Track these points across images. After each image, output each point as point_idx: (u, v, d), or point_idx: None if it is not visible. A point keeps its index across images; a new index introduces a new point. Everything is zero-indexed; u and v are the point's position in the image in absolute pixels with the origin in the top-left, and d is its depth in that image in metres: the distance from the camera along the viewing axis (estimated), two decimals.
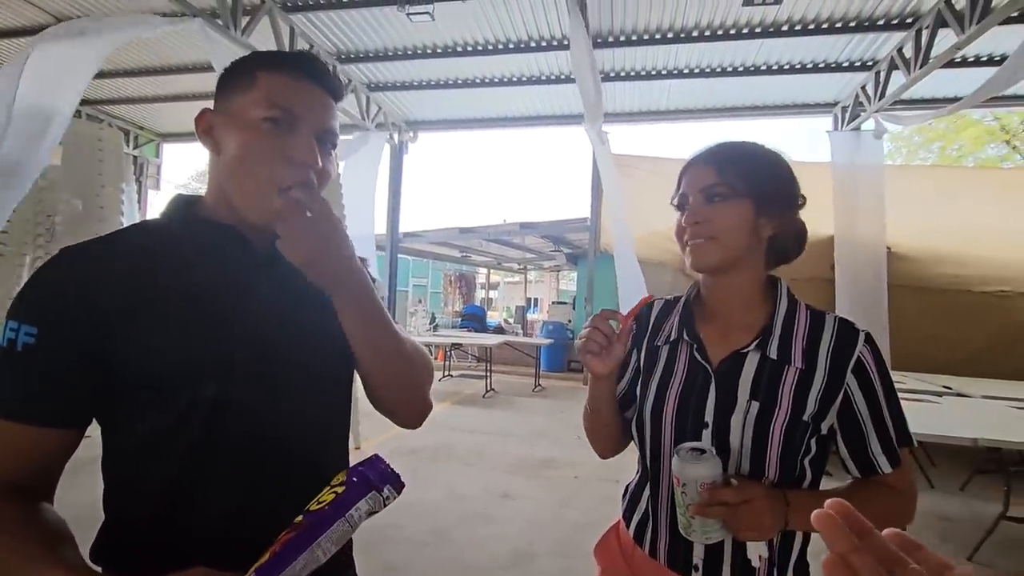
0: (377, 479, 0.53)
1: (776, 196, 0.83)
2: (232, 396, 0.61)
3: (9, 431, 0.55)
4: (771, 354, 0.79)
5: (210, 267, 0.64)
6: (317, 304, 0.70)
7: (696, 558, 0.81)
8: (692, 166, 0.85)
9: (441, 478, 3.71)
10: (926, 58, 4.80)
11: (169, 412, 0.59)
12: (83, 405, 0.58)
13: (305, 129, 0.64)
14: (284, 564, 0.48)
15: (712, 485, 0.69)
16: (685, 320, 0.88)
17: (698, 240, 0.81)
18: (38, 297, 0.57)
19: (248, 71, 0.65)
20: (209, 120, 0.65)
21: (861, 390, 0.77)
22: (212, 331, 0.61)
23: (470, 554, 2.62)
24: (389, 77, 6.72)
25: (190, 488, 0.60)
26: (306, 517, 0.51)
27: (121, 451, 0.62)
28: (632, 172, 6.35)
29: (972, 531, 2.95)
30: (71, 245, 0.61)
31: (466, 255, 14.21)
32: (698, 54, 5.81)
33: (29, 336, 0.55)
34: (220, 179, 0.66)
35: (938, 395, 3.79)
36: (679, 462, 0.72)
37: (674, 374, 0.85)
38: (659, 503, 0.85)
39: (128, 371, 0.58)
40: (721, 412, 0.79)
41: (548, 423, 5.38)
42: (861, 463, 0.79)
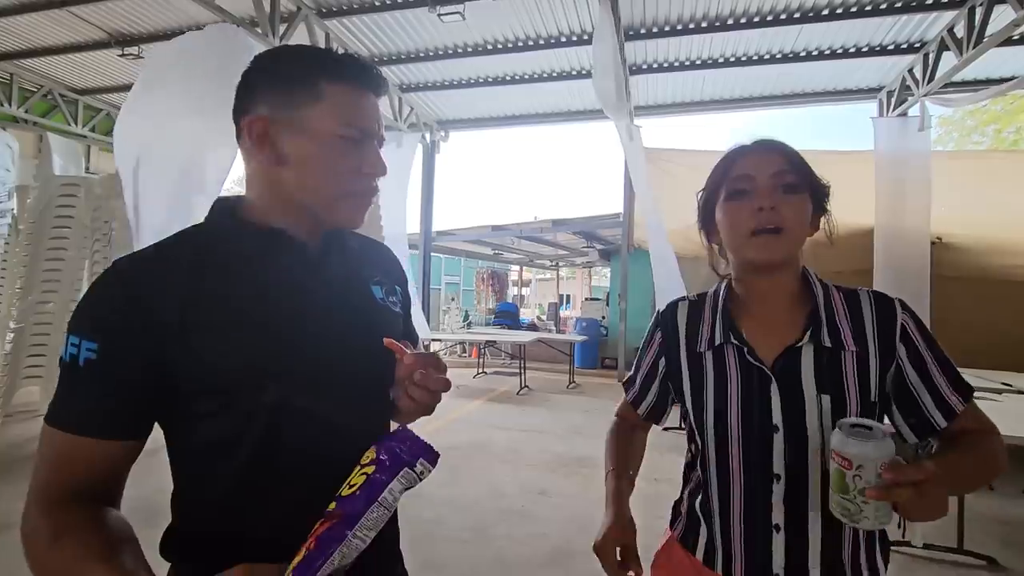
0: (408, 454, 0.52)
1: (822, 196, 0.83)
2: (293, 400, 0.62)
3: (74, 444, 0.56)
4: (826, 343, 0.78)
5: (263, 272, 0.64)
6: (364, 303, 0.73)
7: (777, 567, 0.78)
8: (752, 152, 0.81)
9: (479, 475, 3.74)
10: (980, 36, 4.55)
11: (230, 417, 0.60)
12: (144, 416, 0.60)
13: (372, 143, 0.67)
14: (323, 558, 0.48)
15: (892, 464, 0.63)
16: (725, 322, 0.85)
17: (766, 230, 0.77)
18: (97, 312, 0.58)
19: (310, 78, 0.63)
20: (265, 127, 0.64)
21: (909, 358, 0.77)
22: (270, 337, 0.62)
23: (511, 552, 2.64)
24: (421, 78, 6.80)
25: (251, 490, 0.62)
26: (339, 504, 0.51)
27: (184, 454, 0.64)
28: (666, 166, 6.24)
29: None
30: (124, 257, 0.62)
31: (498, 253, 14.27)
32: (734, 42, 5.66)
33: (90, 351, 0.56)
34: (281, 186, 0.65)
35: (997, 392, 3.60)
36: (846, 440, 0.65)
37: (728, 381, 0.82)
38: (731, 520, 0.82)
39: (190, 379, 0.59)
40: (790, 412, 0.77)
41: (583, 420, 5.36)
42: (919, 425, 0.78)
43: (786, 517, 0.77)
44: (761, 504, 0.78)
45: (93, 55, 6.29)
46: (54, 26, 5.63)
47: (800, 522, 0.77)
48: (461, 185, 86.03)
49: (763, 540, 0.79)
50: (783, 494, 0.77)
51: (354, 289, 0.73)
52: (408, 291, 0.86)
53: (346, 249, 0.74)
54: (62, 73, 6.94)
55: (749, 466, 0.79)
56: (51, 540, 0.54)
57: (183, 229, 0.67)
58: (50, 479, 0.57)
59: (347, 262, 0.73)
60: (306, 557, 0.49)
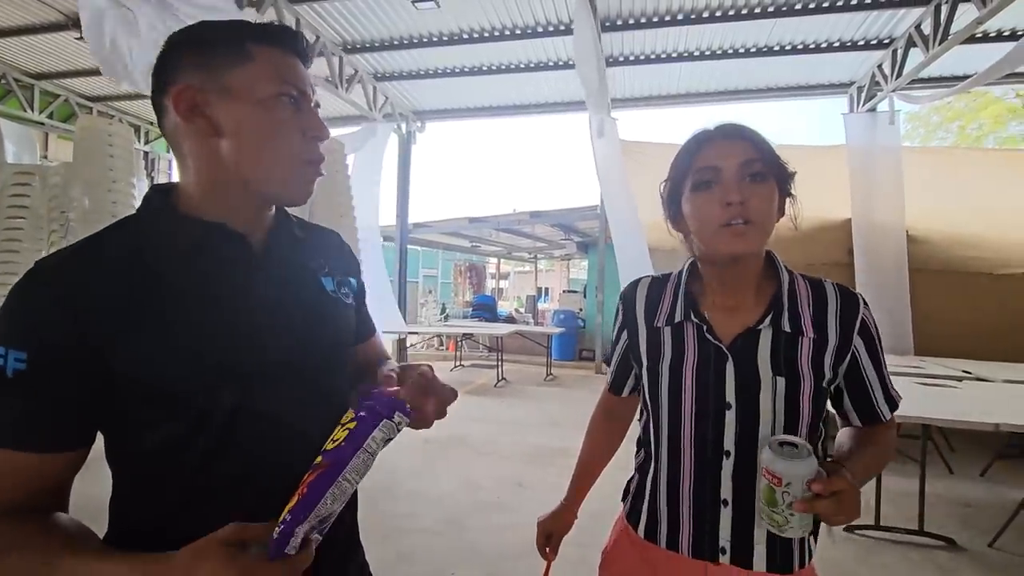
0: (385, 408, 0.54)
1: (787, 180, 0.82)
2: (247, 401, 0.59)
3: (9, 460, 0.52)
4: (785, 327, 0.79)
5: (205, 267, 0.61)
6: (315, 296, 0.70)
7: (723, 540, 0.80)
8: (717, 140, 0.79)
9: (455, 468, 3.72)
10: (945, 34, 4.66)
11: (180, 422, 0.57)
12: (85, 425, 0.56)
13: (309, 104, 0.64)
14: (315, 501, 0.50)
15: (817, 479, 0.67)
16: (688, 301, 0.85)
17: (738, 222, 0.75)
18: (23, 318, 0.53)
19: (236, 40, 0.60)
20: (193, 96, 0.58)
21: (866, 351, 0.81)
22: (219, 336, 0.59)
23: (485, 543, 2.63)
24: (395, 67, 6.68)
25: (202, 495, 0.59)
26: (324, 456, 0.52)
27: (128, 460, 0.60)
28: (641, 158, 6.27)
29: (993, 517, 2.90)
30: (48, 256, 0.57)
31: (476, 245, 14.20)
32: (709, 36, 5.69)
33: (19, 362, 0.52)
34: (219, 163, 0.60)
35: (958, 380, 3.72)
36: (779, 460, 0.68)
37: (685, 357, 0.82)
38: (679, 494, 0.83)
39: (131, 385, 0.55)
40: (744, 391, 0.78)
41: (561, 412, 5.38)
42: (865, 413, 0.84)
43: (734, 493, 0.79)
44: (711, 479, 0.80)
45: (50, 37, 6.00)
46: (6, 6, 5.35)
47: (748, 498, 0.78)
48: (438, 176, 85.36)
49: (711, 514, 0.81)
50: (732, 470, 0.79)
51: (303, 282, 0.69)
52: (362, 280, 0.82)
53: (294, 240, 0.70)
54: (16, 56, 6.61)
55: (701, 441, 0.81)
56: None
57: (113, 223, 0.62)
58: None
59: (294, 254, 0.69)
60: (300, 501, 0.50)
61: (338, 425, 0.55)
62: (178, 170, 0.64)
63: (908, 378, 3.63)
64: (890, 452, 0.86)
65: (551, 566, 1.05)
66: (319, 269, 0.72)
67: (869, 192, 5.85)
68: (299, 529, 0.50)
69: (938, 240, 5.93)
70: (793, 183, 0.82)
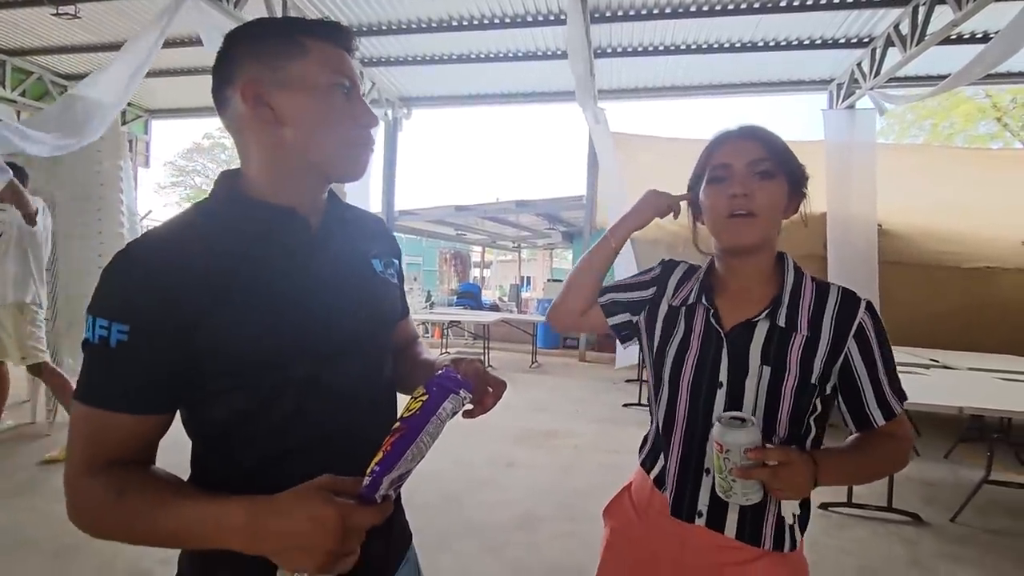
0: (453, 385, 0.62)
1: (799, 179, 0.89)
2: (317, 373, 0.65)
3: (110, 420, 0.58)
4: (780, 323, 0.85)
5: (275, 250, 0.66)
6: (367, 276, 0.76)
7: (701, 504, 0.87)
8: (732, 139, 0.87)
9: (448, 449, 3.78)
10: (922, 35, 4.83)
11: (257, 392, 0.63)
12: (175, 393, 0.62)
13: (359, 94, 0.69)
14: (397, 458, 0.57)
15: (755, 450, 0.74)
16: (705, 287, 0.93)
17: (740, 214, 0.83)
18: (125, 295, 0.59)
19: (291, 37, 0.65)
20: (257, 89, 0.63)
21: (860, 354, 0.85)
22: (290, 314, 0.64)
23: (480, 517, 2.73)
24: (383, 52, 6.63)
25: (277, 459, 0.64)
26: (403, 422, 0.59)
27: (208, 428, 0.65)
28: (627, 151, 6.36)
29: (954, 495, 3.10)
30: (139, 239, 0.63)
31: (461, 233, 14.18)
32: (695, 30, 5.78)
33: (122, 334, 0.57)
34: (283, 149, 0.65)
35: (926, 367, 3.92)
36: (722, 429, 0.76)
37: (691, 339, 0.90)
38: (668, 459, 0.91)
39: (215, 356, 0.60)
40: (734, 375, 0.85)
41: (547, 397, 5.48)
42: (858, 418, 0.87)
43: None
44: (697, 448, 0.88)
45: (24, 12, 5.79)
46: None
47: None
48: (424, 164, 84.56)
49: (694, 479, 0.88)
50: None
51: (357, 264, 0.75)
52: (401, 260, 0.88)
53: (344, 224, 0.75)
54: None
55: (694, 414, 0.88)
56: (118, 495, 0.57)
57: (190, 207, 0.68)
58: (92, 450, 0.59)
59: (348, 237, 0.75)
60: (385, 457, 0.57)
61: (412, 397, 0.62)
62: (240, 158, 0.69)
63: None
64: (885, 463, 0.88)
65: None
66: (368, 251, 0.78)
67: (844, 187, 6.03)
68: (385, 479, 0.57)
69: (910, 234, 6.16)
70: (806, 184, 0.90)
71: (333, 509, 0.52)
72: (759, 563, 0.85)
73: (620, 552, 0.98)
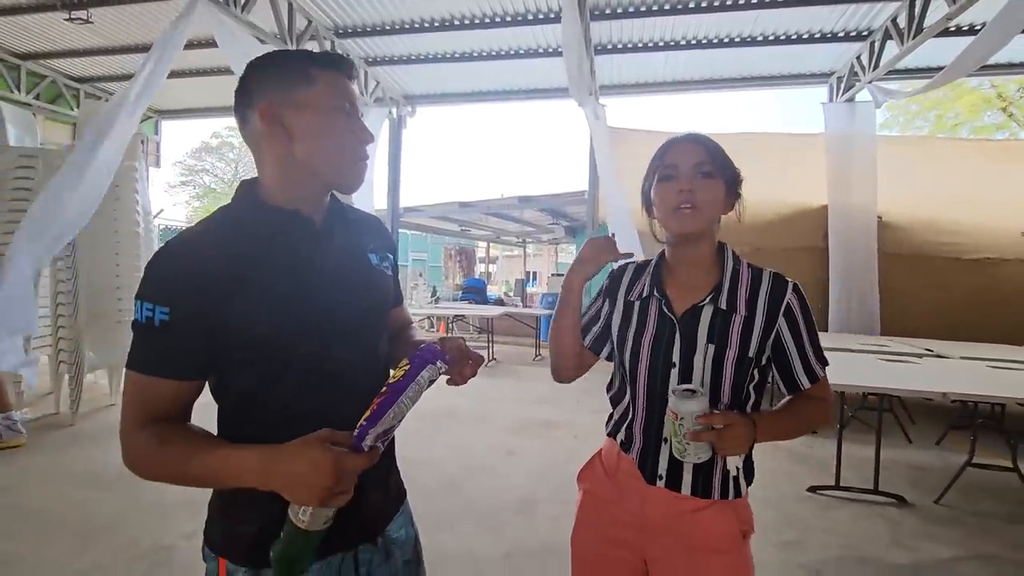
0: (431, 357, 0.74)
1: (734, 181, 1.04)
2: (322, 349, 0.79)
3: (157, 384, 0.72)
4: (722, 306, 0.99)
5: (284, 247, 0.78)
6: (365, 264, 0.90)
7: (661, 469, 1.02)
8: (679, 144, 1.02)
9: (449, 438, 3.94)
10: (919, 28, 4.87)
11: (274, 363, 0.76)
12: (206, 363, 0.75)
13: (358, 115, 0.83)
14: (382, 414, 0.70)
15: (704, 416, 0.88)
16: (655, 280, 1.07)
17: (686, 207, 0.98)
18: (167, 281, 0.72)
19: (304, 68, 0.78)
20: (274, 112, 0.76)
21: (788, 328, 1.00)
22: (298, 299, 0.77)
23: (480, 501, 2.87)
24: (387, 51, 6.74)
25: (290, 421, 0.76)
26: (388, 386, 0.72)
27: (234, 394, 0.78)
28: (628, 145, 6.44)
29: (941, 479, 3.19)
30: (177, 236, 0.76)
31: (466, 229, 14.30)
32: (695, 25, 5.83)
33: (164, 315, 0.70)
34: (294, 161, 0.78)
35: (919, 357, 4.00)
36: (676, 400, 0.90)
37: (647, 325, 1.04)
38: (633, 427, 1.06)
39: (239, 333, 0.74)
40: (685, 353, 0.99)
41: (549, 389, 5.61)
42: (788, 382, 1.03)
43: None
44: (656, 421, 1.01)
45: (37, 17, 5.95)
46: None
47: None
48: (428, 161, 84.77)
49: (654, 448, 1.02)
50: None
51: (355, 257, 0.89)
52: (396, 255, 1.01)
53: (345, 223, 0.89)
54: (3, 37, 6.56)
55: (652, 391, 1.02)
56: (160, 444, 0.71)
57: (216, 211, 0.82)
58: (141, 408, 0.73)
59: (347, 234, 0.88)
60: (371, 414, 0.70)
61: (396, 367, 0.75)
62: (257, 167, 0.83)
63: (872, 355, 3.90)
64: (810, 420, 1.03)
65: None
66: (366, 246, 0.91)
67: (845, 179, 6.09)
68: (371, 432, 0.70)
69: (910, 226, 6.20)
70: (740, 186, 1.04)
71: (329, 454, 0.65)
72: (709, 510, 0.99)
73: (592, 509, 1.11)
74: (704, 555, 0.98)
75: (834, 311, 5.98)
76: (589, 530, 1.10)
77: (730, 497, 1.00)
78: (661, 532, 1.01)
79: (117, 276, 4.25)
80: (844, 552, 2.45)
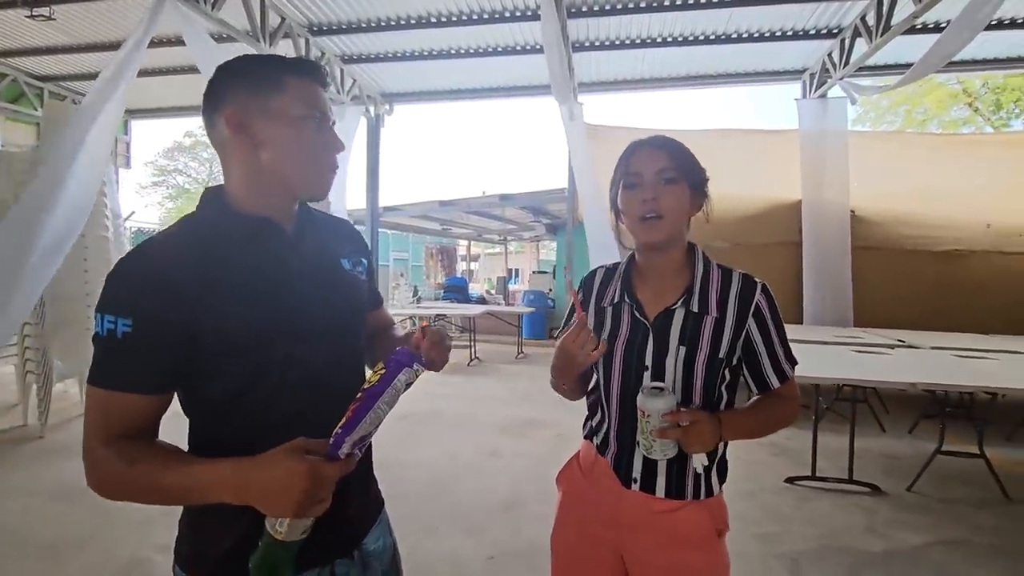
0: (407, 360, 0.73)
1: (699, 182, 1.03)
2: (295, 354, 0.76)
3: (119, 400, 0.69)
4: (693, 308, 1.00)
5: (256, 252, 0.76)
6: (337, 274, 0.88)
7: (635, 472, 1.03)
8: (641, 150, 1.00)
9: (434, 440, 3.92)
10: (887, 25, 4.98)
11: (243, 372, 0.74)
12: (174, 375, 0.72)
13: (329, 124, 0.81)
14: (358, 421, 0.68)
15: (670, 414, 0.90)
16: (625, 285, 1.07)
17: (651, 216, 0.98)
18: (128, 291, 0.69)
19: (274, 74, 0.76)
20: (241, 118, 0.74)
21: (758, 328, 1.00)
22: (270, 305, 0.75)
23: (467, 502, 2.86)
24: (363, 49, 6.65)
25: (263, 430, 0.75)
26: (363, 392, 0.70)
27: (205, 406, 0.76)
28: (607, 142, 6.47)
29: (913, 466, 3.28)
30: (141, 245, 0.73)
31: (447, 228, 14.24)
32: (671, 23, 5.88)
33: (126, 326, 0.67)
34: (260, 169, 0.76)
35: (891, 348, 4.10)
36: (644, 398, 0.91)
37: (619, 330, 1.04)
38: (609, 431, 1.06)
39: (209, 344, 0.71)
40: (657, 357, 1.00)
41: (532, 388, 5.62)
42: (758, 382, 1.03)
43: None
44: (630, 424, 1.01)
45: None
46: None
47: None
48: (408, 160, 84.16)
49: (628, 451, 1.03)
50: None
51: (327, 263, 0.87)
52: (371, 259, 1.00)
53: (316, 229, 0.87)
54: None
55: (624, 395, 1.02)
56: (127, 463, 0.68)
57: (179, 220, 0.79)
58: (104, 426, 0.69)
59: (318, 240, 0.86)
60: (347, 420, 0.68)
61: (372, 371, 0.73)
62: (224, 174, 0.80)
63: (846, 347, 3.99)
64: (777, 419, 1.03)
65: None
66: (338, 252, 0.90)
67: (818, 174, 6.20)
68: (347, 440, 0.68)
69: (882, 220, 6.34)
70: (706, 185, 1.04)
71: (305, 463, 0.64)
72: (683, 511, 1.00)
73: (570, 509, 1.12)
74: (680, 552, 1.00)
75: (809, 304, 6.09)
76: (568, 528, 1.11)
77: (702, 497, 1.01)
78: (638, 531, 1.02)
79: (86, 283, 4.13)
80: (821, 542, 2.51)
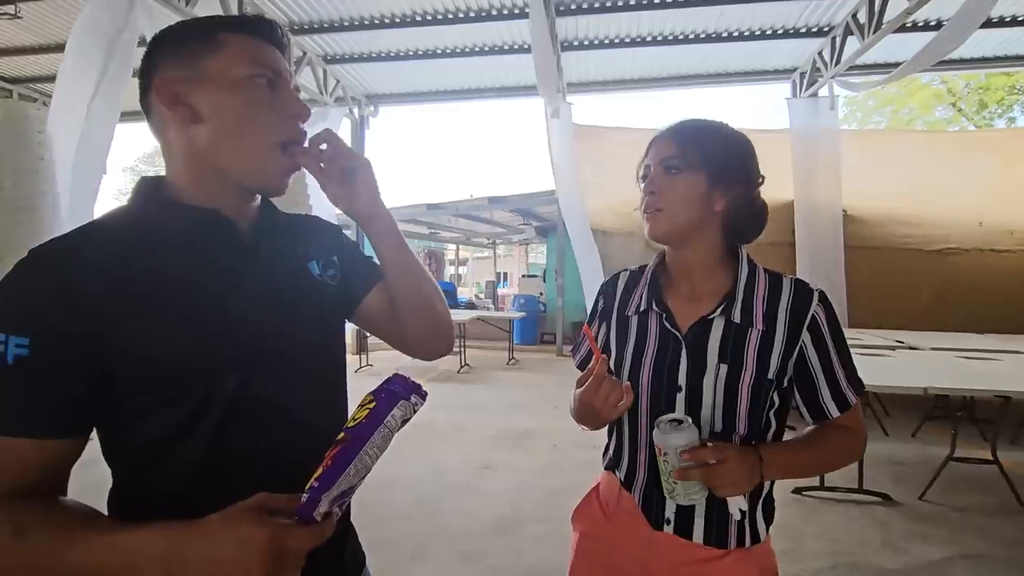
0: (402, 390, 0.57)
1: (728, 170, 0.85)
2: (250, 387, 0.60)
3: (15, 446, 0.52)
4: (735, 319, 0.83)
5: (198, 255, 0.61)
6: (304, 282, 0.71)
7: (669, 512, 0.86)
8: (657, 139, 0.88)
9: (423, 454, 3.74)
10: (879, 23, 4.91)
11: (181, 410, 0.57)
12: (84, 413, 0.55)
13: (287, 84, 0.65)
14: (339, 472, 0.52)
15: (690, 451, 0.74)
16: (652, 291, 0.91)
17: (650, 210, 0.85)
18: (24, 305, 0.52)
19: (206, 34, 0.62)
20: (174, 88, 0.60)
21: (814, 345, 0.83)
22: (216, 324, 0.59)
23: (457, 523, 2.68)
24: (346, 49, 6.47)
25: (203, 483, 0.59)
26: (347, 432, 0.54)
27: (129, 452, 0.59)
28: (598, 142, 6.36)
29: (922, 473, 3.17)
30: (44, 244, 0.56)
31: (434, 231, 14.06)
32: (660, 21, 5.79)
33: (21, 348, 0.51)
34: (200, 149, 0.61)
35: (891, 349, 4.01)
36: (659, 434, 0.76)
37: (647, 343, 0.88)
38: (635, 461, 0.90)
39: (132, 372, 0.55)
40: (693, 375, 0.83)
41: (525, 395, 5.46)
42: (813, 410, 0.86)
43: None
44: None
45: None
46: None
47: None
48: (394, 162, 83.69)
49: (660, 486, 0.84)
50: None
51: (291, 270, 0.70)
52: (346, 241, 0.82)
53: (278, 230, 0.71)
54: None
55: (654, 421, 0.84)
56: (16, 535, 0.49)
57: (106, 212, 0.62)
58: None
59: (280, 243, 0.70)
60: (324, 473, 0.52)
61: (358, 406, 0.57)
62: (164, 162, 0.64)
63: None
64: (838, 456, 0.86)
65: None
66: (305, 256, 0.73)
67: (810, 174, 6.15)
68: (325, 496, 0.51)
69: (874, 219, 6.31)
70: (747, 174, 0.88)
71: (264, 530, 0.47)
72: (725, 560, 0.84)
73: (589, 556, 0.95)
74: None
75: None
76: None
77: (747, 544, 0.85)
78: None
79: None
80: (836, 559, 2.37)
